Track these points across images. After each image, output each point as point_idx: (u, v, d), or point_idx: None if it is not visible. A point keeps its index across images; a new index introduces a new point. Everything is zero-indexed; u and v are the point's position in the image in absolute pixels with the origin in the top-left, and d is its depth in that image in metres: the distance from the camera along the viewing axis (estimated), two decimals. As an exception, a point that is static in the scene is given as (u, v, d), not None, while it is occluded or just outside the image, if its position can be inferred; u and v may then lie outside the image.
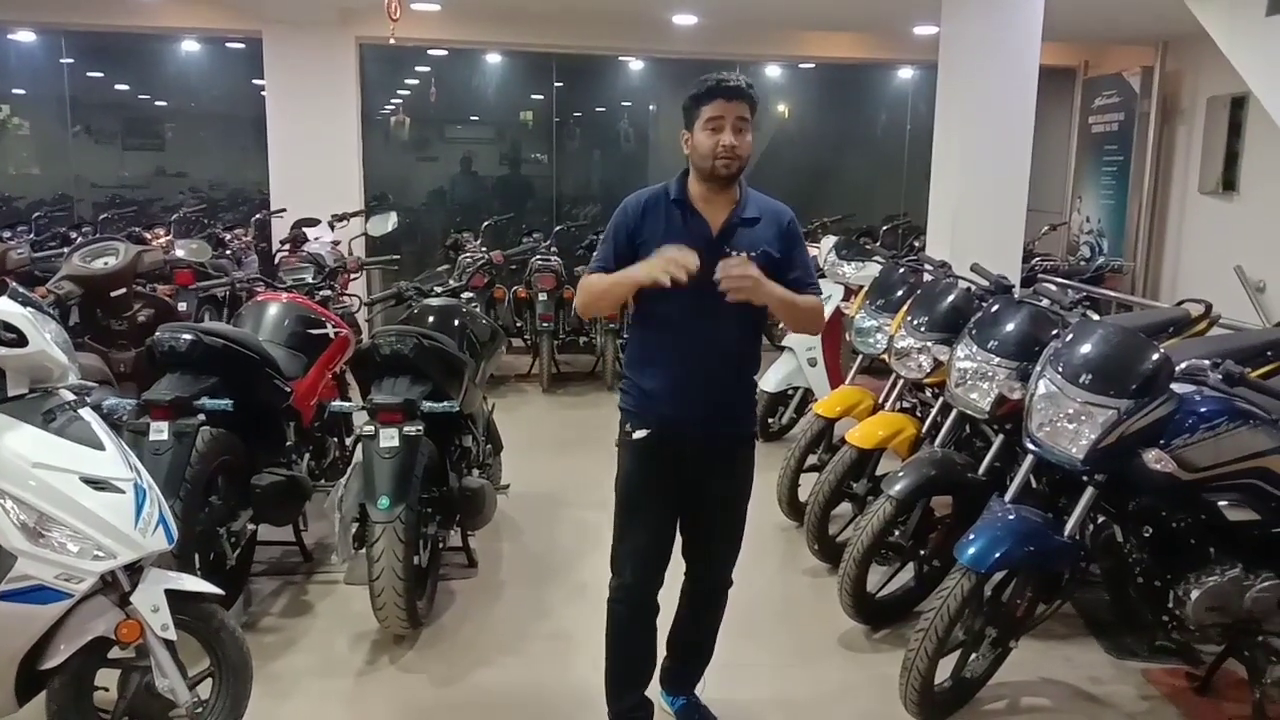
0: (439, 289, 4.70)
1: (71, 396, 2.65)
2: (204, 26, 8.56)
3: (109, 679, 2.62)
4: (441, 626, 3.73)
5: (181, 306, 5.91)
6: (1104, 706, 3.30)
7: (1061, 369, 3.00)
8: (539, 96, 9.88)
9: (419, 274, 5.57)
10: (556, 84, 9.67)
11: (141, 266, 5.65)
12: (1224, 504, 2.92)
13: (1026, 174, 5.71)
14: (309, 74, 8.04)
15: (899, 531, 3.66)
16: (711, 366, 2.72)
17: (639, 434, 2.77)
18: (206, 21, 8.36)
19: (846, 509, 4.19)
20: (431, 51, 9.46)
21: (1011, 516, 3.01)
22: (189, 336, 3.64)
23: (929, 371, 4.10)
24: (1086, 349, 3.02)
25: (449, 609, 3.86)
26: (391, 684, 3.36)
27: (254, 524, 3.79)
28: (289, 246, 7.29)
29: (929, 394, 4.36)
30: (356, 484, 3.48)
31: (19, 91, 9.66)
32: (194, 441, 3.36)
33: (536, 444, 5.86)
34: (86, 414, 2.65)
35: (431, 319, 4.28)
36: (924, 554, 3.73)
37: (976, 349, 3.65)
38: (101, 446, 2.59)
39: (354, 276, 6.51)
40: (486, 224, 8.28)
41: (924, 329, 4.13)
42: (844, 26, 8.87)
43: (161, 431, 3.31)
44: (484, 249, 7.51)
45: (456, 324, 4.31)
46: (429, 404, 3.63)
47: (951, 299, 4.18)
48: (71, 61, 9.28)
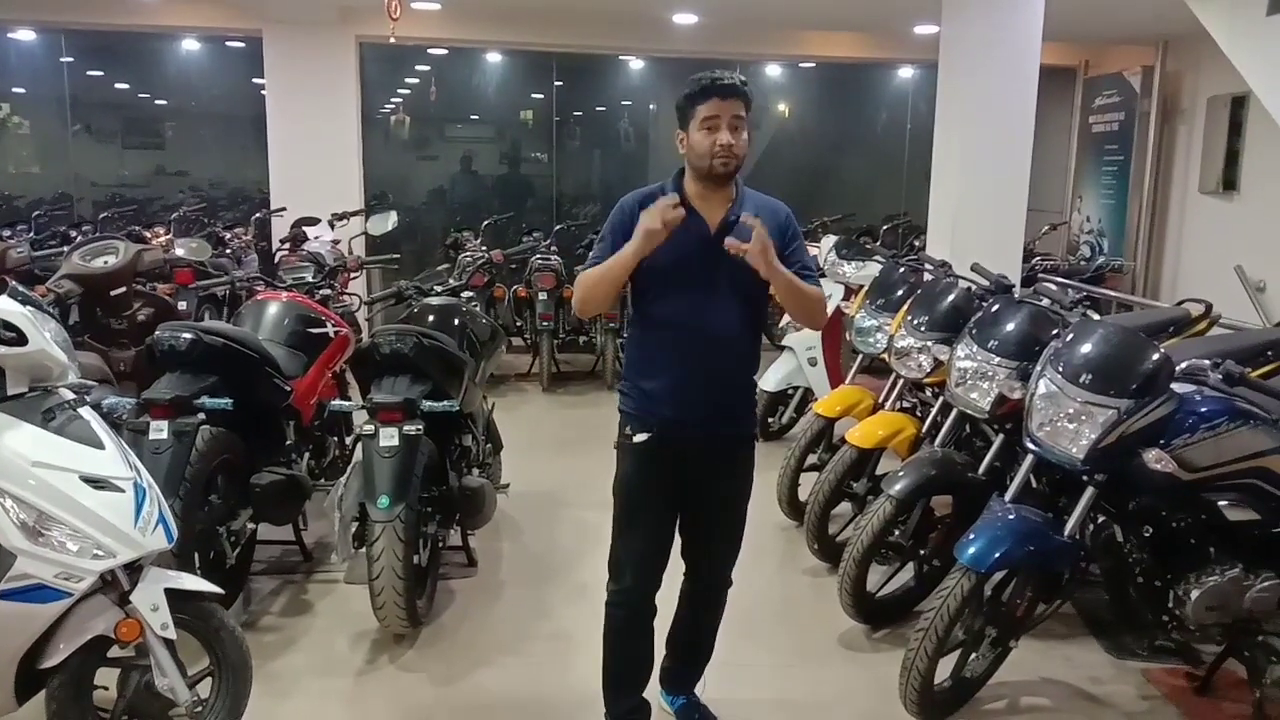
0: (439, 288, 4.70)
1: (71, 395, 2.64)
2: (204, 25, 8.56)
3: (109, 678, 2.62)
4: (441, 626, 3.73)
5: (181, 305, 5.91)
6: (1104, 706, 3.30)
7: (1062, 369, 3.00)
8: (539, 96, 9.88)
9: (419, 273, 5.57)
10: (557, 83, 9.67)
11: (141, 265, 5.66)
12: (1224, 504, 2.92)
13: (1027, 173, 5.71)
14: (309, 73, 8.04)
15: (899, 531, 3.66)
16: (712, 366, 2.70)
17: (639, 437, 2.73)
18: (207, 20, 8.36)
19: (846, 508, 4.19)
20: (431, 50, 9.46)
21: (1011, 516, 3.01)
22: (189, 335, 3.64)
23: (929, 371, 4.10)
24: (1087, 349, 3.01)
25: (449, 608, 3.86)
26: (391, 683, 3.36)
27: (254, 523, 3.79)
28: (289, 245, 7.29)
29: (929, 393, 4.36)
30: (356, 483, 3.48)
31: (19, 90, 9.66)
32: (194, 440, 3.36)
33: (536, 443, 5.86)
34: (86, 413, 2.64)
35: (431, 318, 4.28)
36: (924, 553, 3.73)
37: (977, 348, 3.65)
38: (101, 445, 2.59)
39: (354, 275, 6.52)
40: (486, 223, 8.28)
41: (924, 328, 4.12)
42: (844, 26, 8.87)
43: (161, 430, 3.31)
44: (484, 248, 7.51)
45: (456, 323, 4.31)
46: (429, 403, 3.62)
47: (952, 298, 4.17)
48: (71, 60, 9.27)
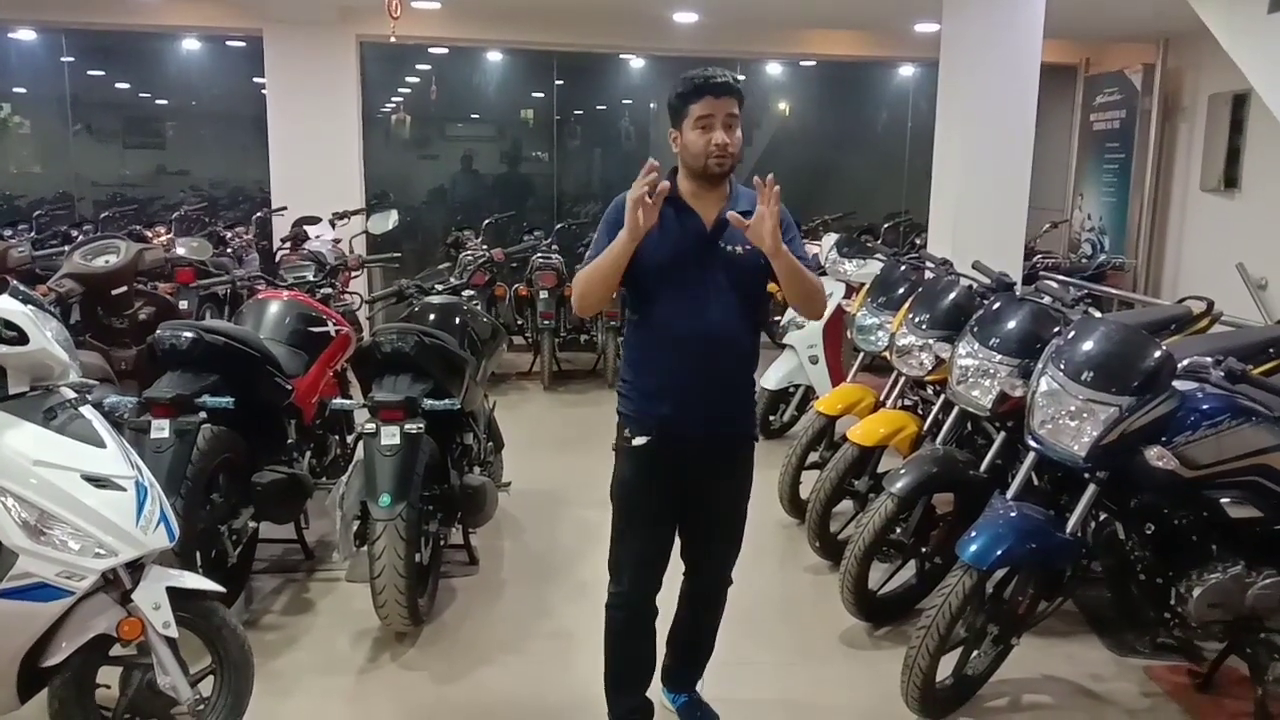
0: (440, 287, 4.70)
1: (72, 394, 2.64)
2: (205, 25, 8.57)
3: (111, 676, 2.63)
4: (443, 624, 3.73)
5: (182, 304, 5.92)
6: (1106, 704, 3.30)
7: (1063, 366, 2.99)
8: (540, 95, 9.89)
9: (420, 272, 5.57)
10: (557, 82, 9.67)
11: (142, 264, 5.66)
12: (1226, 501, 2.91)
13: (1028, 171, 5.71)
14: (310, 72, 8.05)
15: (900, 529, 3.66)
16: (711, 366, 2.66)
17: (639, 440, 2.69)
18: (207, 20, 8.37)
19: (848, 506, 4.19)
20: (432, 50, 9.46)
21: (1013, 514, 3.00)
22: (190, 334, 3.64)
23: (930, 369, 4.10)
24: (1088, 346, 3.01)
25: (450, 607, 3.86)
26: (393, 681, 3.36)
27: (255, 521, 3.79)
28: (290, 244, 7.30)
29: (930, 391, 4.36)
30: (358, 482, 3.48)
31: (20, 90, 9.67)
32: (195, 439, 3.36)
33: (538, 442, 5.87)
34: (88, 412, 2.64)
35: (432, 317, 4.28)
36: (925, 551, 3.72)
37: (978, 346, 3.64)
38: (103, 444, 2.59)
39: (355, 274, 6.51)
40: (487, 222, 8.28)
41: (925, 326, 4.12)
42: (845, 24, 8.87)
43: (163, 429, 3.31)
44: (485, 247, 7.51)
45: (457, 322, 4.31)
46: (430, 402, 3.62)
47: (953, 296, 4.17)
48: (72, 60, 9.28)
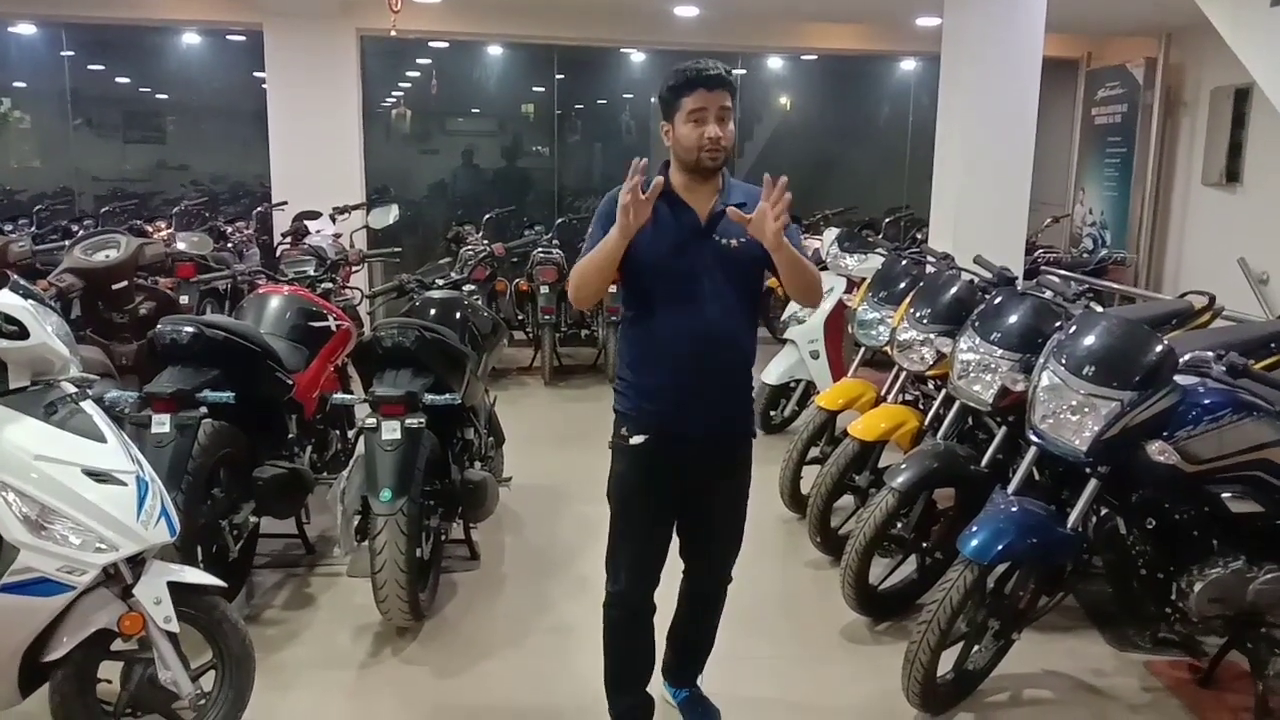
0: (440, 282, 4.70)
1: (73, 389, 2.65)
2: (204, 19, 8.56)
3: (112, 671, 2.63)
4: (444, 619, 3.73)
5: (183, 299, 5.92)
6: (1107, 699, 3.30)
7: (1064, 361, 2.99)
8: (540, 89, 9.88)
9: (420, 267, 5.58)
10: (558, 76, 9.66)
11: (143, 259, 5.66)
12: (1227, 496, 2.91)
13: (1029, 166, 5.70)
14: (310, 66, 8.03)
15: (901, 524, 3.66)
16: (708, 362, 2.63)
17: (636, 439, 2.65)
18: (207, 14, 8.36)
19: (849, 501, 4.19)
20: (432, 44, 9.46)
21: (1014, 509, 3.00)
22: (191, 329, 3.64)
23: (931, 364, 4.10)
24: (1090, 341, 3.01)
25: (451, 601, 3.86)
26: (394, 676, 3.36)
27: (256, 516, 3.79)
28: (290, 239, 7.30)
29: (931, 386, 4.36)
30: (359, 476, 3.48)
31: (20, 85, 9.67)
32: (196, 434, 3.36)
33: (538, 437, 5.86)
34: (88, 406, 2.65)
35: (433, 312, 4.28)
36: (926, 546, 3.72)
37: (979, 341, 3.64)
38: (103, 439, 2.59)
39: (355, 269, 6.52)
40: (488, 217, 8.28)
41: (926, 321, 4.12)
42: (846, 18, 8.85)
43: (163, 424, 3.30)
44: (485, 242, 7.50)
45: (458, 317, 4.31)
46: (431, 397, 3.62)
47: (954, 291, 4.17)
48: (72, 54, 9.28)
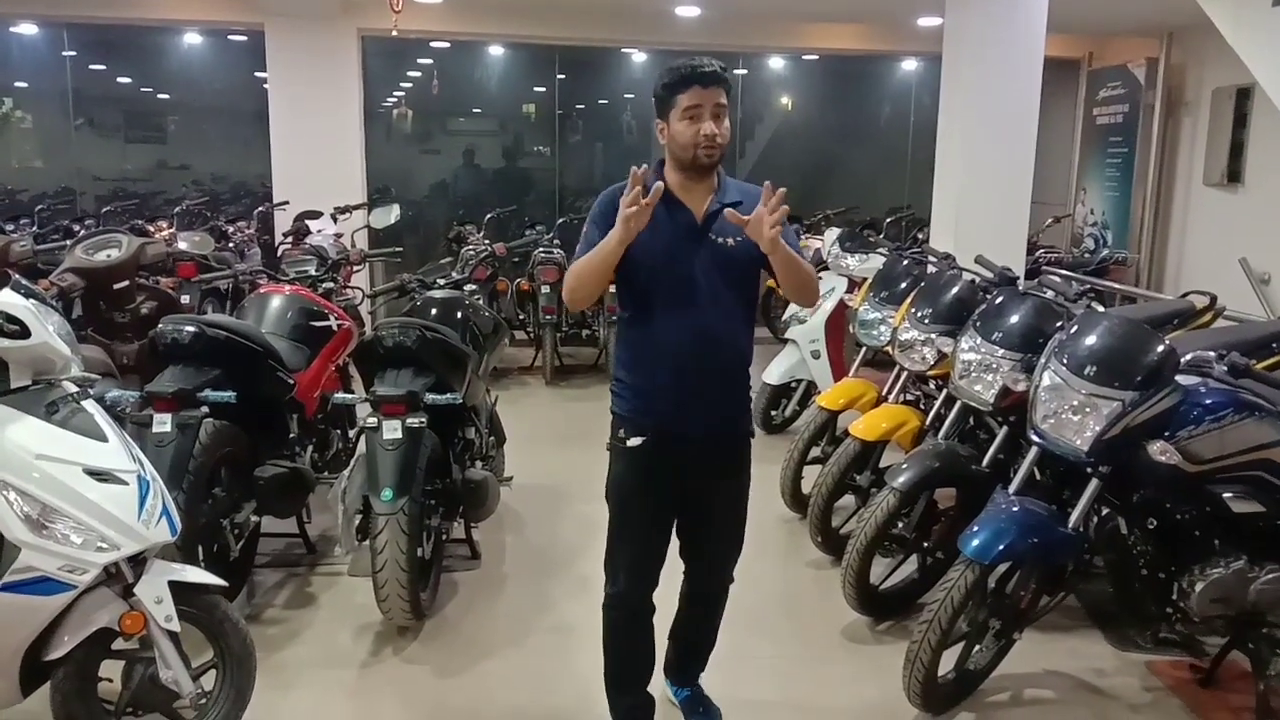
0: (442, 281, 4.70)
1: (74, 388, 2.65)
2: (206, 19, 8.56)
3: (113, 670, 2.63)
4: (444, 618, 3.73)
5: (184, 299, 5.92)
6: (1108, 698, 3.30)
7: (1066, 361, 2.99)
8: (541, 89, 9.88)
9: (422, 266, 5.58)
10: (559, 76, 9.66)
11: (144, 259, 5.66)
12: (1229, 496, 2.91)
13: (1031, 166, 5.70)
14: (311, 66, 8.04)
15: (902, 523, 3.65)
16: (706, 362, 2.61)
17: (634, 441, 2.63)
18: (208, 14, 8.37)
19: (850, 501, 4.19)
20: (434, 44, 9.46)
21: (1015, 508, 3.00)
22: (192, 329, 3.64)
23: (933, 364, 4.10)
24: (1091, 341, 3.00)
25: (452, 601, 3.86)
26: (394, 675, 3.36)
27: (257, 516, 3.79)
28: (291, 239, 7.30)
29: (933, 386, 4.36)
30: (360, 476, 3.48)
31: (21, 85, 9.68)
32: (197, 433, 3.36)
33: (539, 436, 5.87)
34: (89, 406, 2.65)
35: (434, 311, 4.28)
36: (927, 546, 3.72)
37: (980, 341, 3.64)
38: (104, 438, 2.59)
39: (357, 269, 6.52)
40: (489, 216, 8.29)
41: (928, 321, 4.11)
42: (847, 18, 8.85)
43: (164, 423, 3.31)
44: (487, 241, 7.51)
45: (459, 316, 4.31)
46: (432, 396, 3.62)
47: (955, 291, 4.16)
48: (74, 54, 9.28)
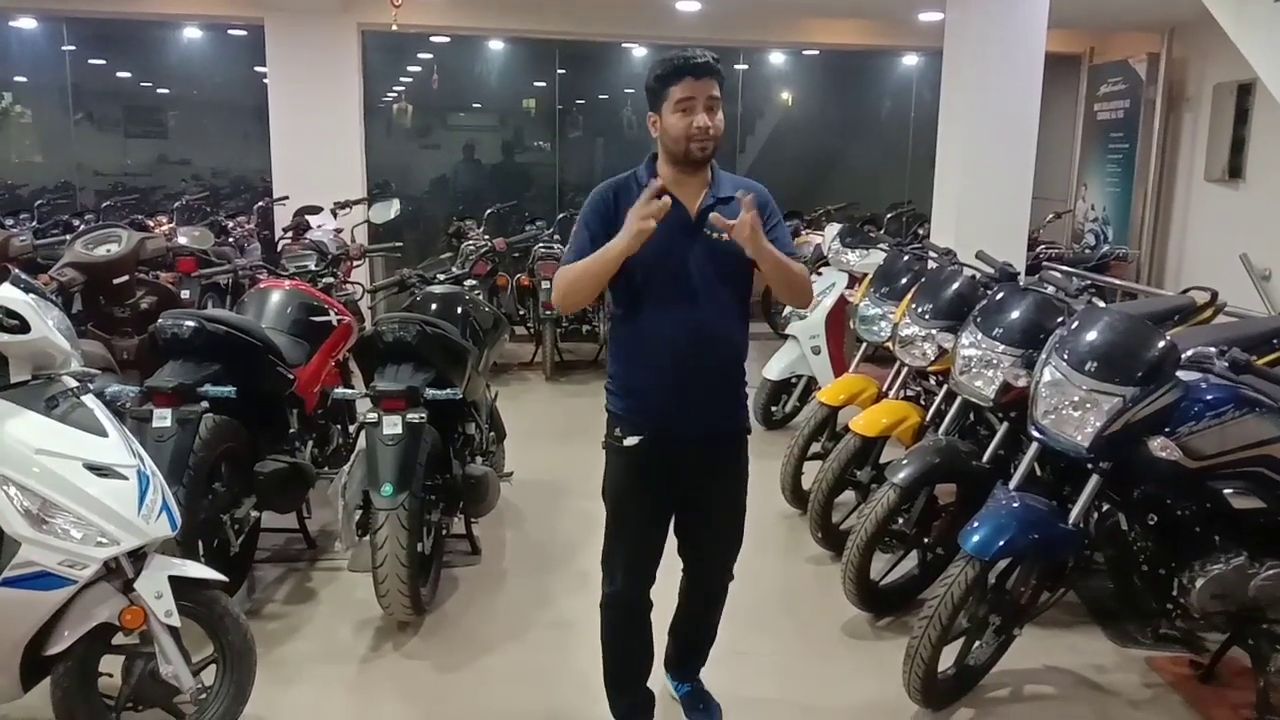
0: (442, 276, 4.70)
1: (74, 383, 2.65)
2: (206, 14, 8.54)
3: (113, 665, 2.63)
4: (445, 613, 3.73)
5: (184, 294, 5.91)
6: (1108, 694, 3.30)
7: (1067, 356, 2.99)
8: (542, 84, 9.86)
9: (422, 261, 5.58)
10: (559, 71, 9.64)
11: (144, 254, 5.65)
12: (1229, 492, 2.91)
13: (1031, 161, 5.70)
14: (311, 61, 8.02)
15: (903, 519, 3.66)
16: (701, 360, 2.59)
17: (630, 440, 2.62)
18: (208, 9, 8.35)
19: (850, 497, 4.19)
20: (434, 38, 9.44)
21: (1016, 504, 3.00)
22: (192, 323, 3.64)
23: (933, 359, 4.09)
24: (1092, 336, 3.00)
25: (452, 596, 3.87)
26: (395, 671, 3.36)
27: (257, 511, 3.79)
28: (291, 234, 7.30)
29: (933, 382, 4.35)
30: (360, 471, 3.48)
31: (21, 79, 9.66)
32: (197, 428, 3.36)
33: (539, 432, 5.86)
34: (89, 401, 2.65)
35: (434, 306, 4.28)
36: (928, 542, 3.72)
37: (981, 336, 3.64)
38: (104, 433, 2.59)
39: (357, 264, 6.50)
40: (489, 211, 8.27)
41: (928, 317, 4.11)
42: (848, 13, 8.83)
43: (164, 418, 3.31)
44: (487, 236, 7.50)
45: (459, 311, 4.30)
46: (432, 391, 3.62)
47: (956, 286, 4.16)
48: (73, 49, 9.26)
